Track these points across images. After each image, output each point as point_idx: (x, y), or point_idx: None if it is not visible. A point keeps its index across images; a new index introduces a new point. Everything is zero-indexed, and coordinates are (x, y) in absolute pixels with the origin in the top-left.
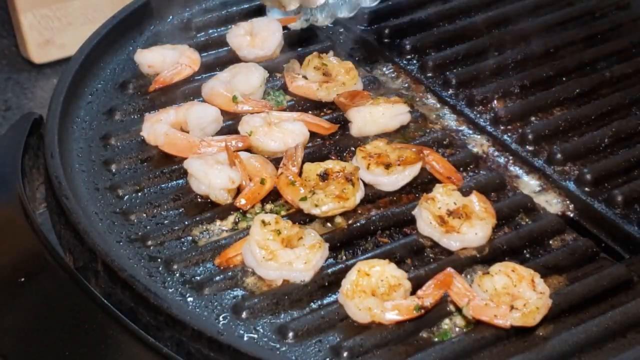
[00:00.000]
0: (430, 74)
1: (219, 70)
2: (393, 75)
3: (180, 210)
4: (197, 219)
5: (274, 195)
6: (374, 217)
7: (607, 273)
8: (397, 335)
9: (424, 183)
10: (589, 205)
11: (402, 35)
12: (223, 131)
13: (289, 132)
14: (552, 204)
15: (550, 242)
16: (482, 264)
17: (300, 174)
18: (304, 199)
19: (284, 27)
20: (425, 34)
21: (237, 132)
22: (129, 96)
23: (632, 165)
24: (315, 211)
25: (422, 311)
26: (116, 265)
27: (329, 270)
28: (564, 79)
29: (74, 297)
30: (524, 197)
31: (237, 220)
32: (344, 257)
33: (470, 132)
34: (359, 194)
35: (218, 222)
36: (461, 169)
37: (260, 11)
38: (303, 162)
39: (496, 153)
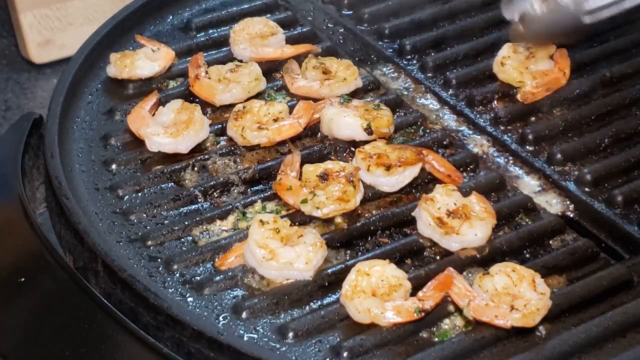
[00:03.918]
0: (430, 74)
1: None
2: (393, 75)
3: (180, 210)
4: (197, 219)
5: (275, 195)
6: (374, 218)
7: (607, 273)
8: (397, 335)
9: (424, 183)
10: (589, 205)
11: (402, 35)
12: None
13: None
14: (552, 204)
15: (550, 242)
16: (482, 264)
17: (300, 176)
18: (304, 201)
19: (285, 27)
20: (425, 34)
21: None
22: (128, 96)
23: (632, 165)
24: (317, 213)
25: (423, 314)
26: (116, 265)
27: (329, 270)
28: None
29: (74, 297)
30: (524, 197)
31: (237, 220)
32: (344, 257)
33: (470, 132)
34: (359, 195)
35: (218, 222)
36: (461, 169)
37: (256, 12)
38: (302, 163)
39: (496, 153)
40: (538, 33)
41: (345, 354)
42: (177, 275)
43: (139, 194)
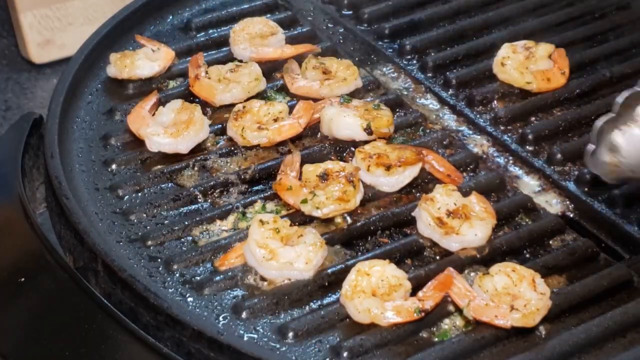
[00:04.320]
0: (430, 74)
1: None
2: (393, 75)
3: (180, 210)
4: (197, 219)
5: (275, 195)
6: (374, 218)
7: (607, 273)
8: (397, 335)
9: (424, 183)
10: (589, 205)
11: (402, 35)
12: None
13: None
14: (552, 204)
15: (550, 242)
16: (482, 264)
17: (299, 176)
18: (304, 201)
19: (285, 27)
20: (425, 34)
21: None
22: (128, 96)
23: None
24: (317, 213)
25: (423, 314)
26: (116, 265)
27: (329, 270)
28: None
29: (74, 297)
30: (524, 197)
31: (237, 220)
32: (344, 257)
33: (470, 132)
34: (359, 195)
35: (218, 222)
36: (461, 169)
37: (256, 12)
38: (302, 163)
39: (496, 153)
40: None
41: (345, 354)
42: (177, 275)
43: (139, 194)
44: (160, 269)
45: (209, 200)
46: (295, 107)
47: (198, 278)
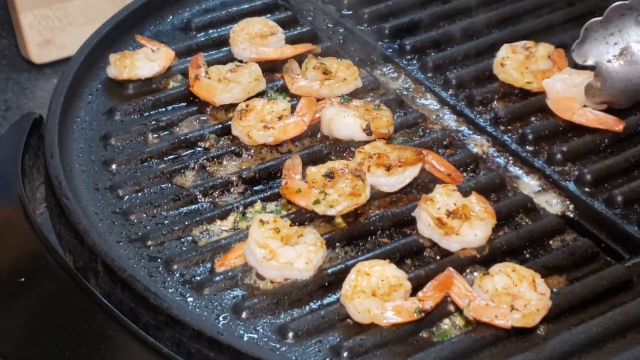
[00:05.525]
0: (430, 74)
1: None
2: (393, 75)
3: (180, 210)
4: (197, 219)
5: (275, 195)
6: (374, 218)
7: (607, 273)
8: (397, 335)
9: (424, 183)
10: (589, 205)
11: (402, 35)
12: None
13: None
14: (552, 204)
15: (550, 242)
16: (482, 265)
17: (303, 178)
18: (317, 202)
19: (285, 27)
20: (425, 34)
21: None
22: (128, 96)
23: (632, 165)
24: (331, 212)
25: (423, 314)
26: (116, 265)
27: (329, 270)
28: None
29: (74, 297)
30: (524, 197)
31: (237, 220)
32: (344, 257)
33: (470, 132)
34: (368, 189)
35: (218, 222)
36: (461, 169)
37: (256, 12)
38: (303, 164)
39: (496, 153)
40: (614, 89)
41: (345, 354)
42: (177, 275)
43: (139, 194)
44: (160, 269)
45: (209, 200)
46: (298, 105)
47: (198, 278)
